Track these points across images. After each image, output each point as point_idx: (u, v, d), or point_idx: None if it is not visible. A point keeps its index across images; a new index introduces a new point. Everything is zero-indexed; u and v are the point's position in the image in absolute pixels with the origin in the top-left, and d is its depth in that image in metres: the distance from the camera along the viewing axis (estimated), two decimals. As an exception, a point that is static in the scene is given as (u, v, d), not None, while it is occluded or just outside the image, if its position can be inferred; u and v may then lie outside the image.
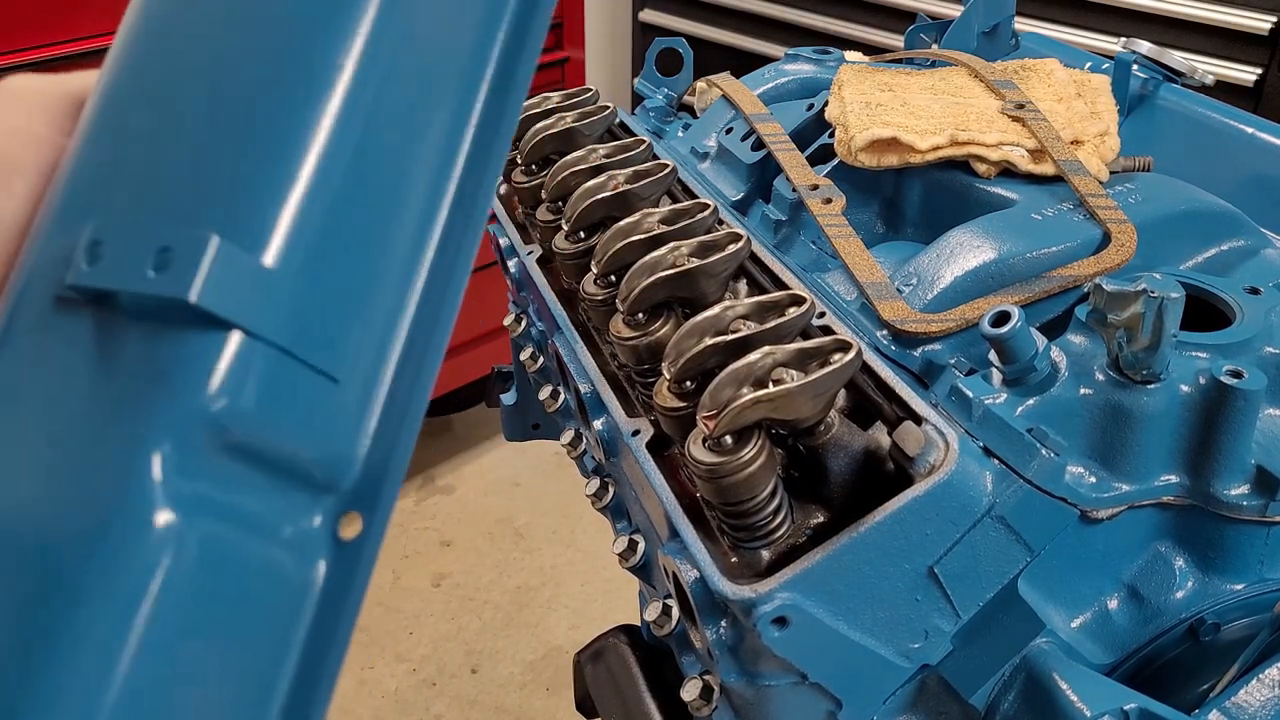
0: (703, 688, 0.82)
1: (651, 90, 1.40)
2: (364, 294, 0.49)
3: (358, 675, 2.54)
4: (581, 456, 1.13)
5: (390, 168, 0.50)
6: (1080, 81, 1.17)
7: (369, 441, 0.48)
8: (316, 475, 0.47)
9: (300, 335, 0.45)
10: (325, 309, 0.46)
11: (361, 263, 0.48)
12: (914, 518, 0.73)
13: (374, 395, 0.49)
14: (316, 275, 0.46)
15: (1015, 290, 0.91)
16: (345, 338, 0.48)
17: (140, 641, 0.41)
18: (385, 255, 0.50)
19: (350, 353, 0.48)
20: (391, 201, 0.50)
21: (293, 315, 0.45)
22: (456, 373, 2.93)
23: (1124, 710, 0.72)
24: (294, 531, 0.46)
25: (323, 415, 0.47)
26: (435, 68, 0.52)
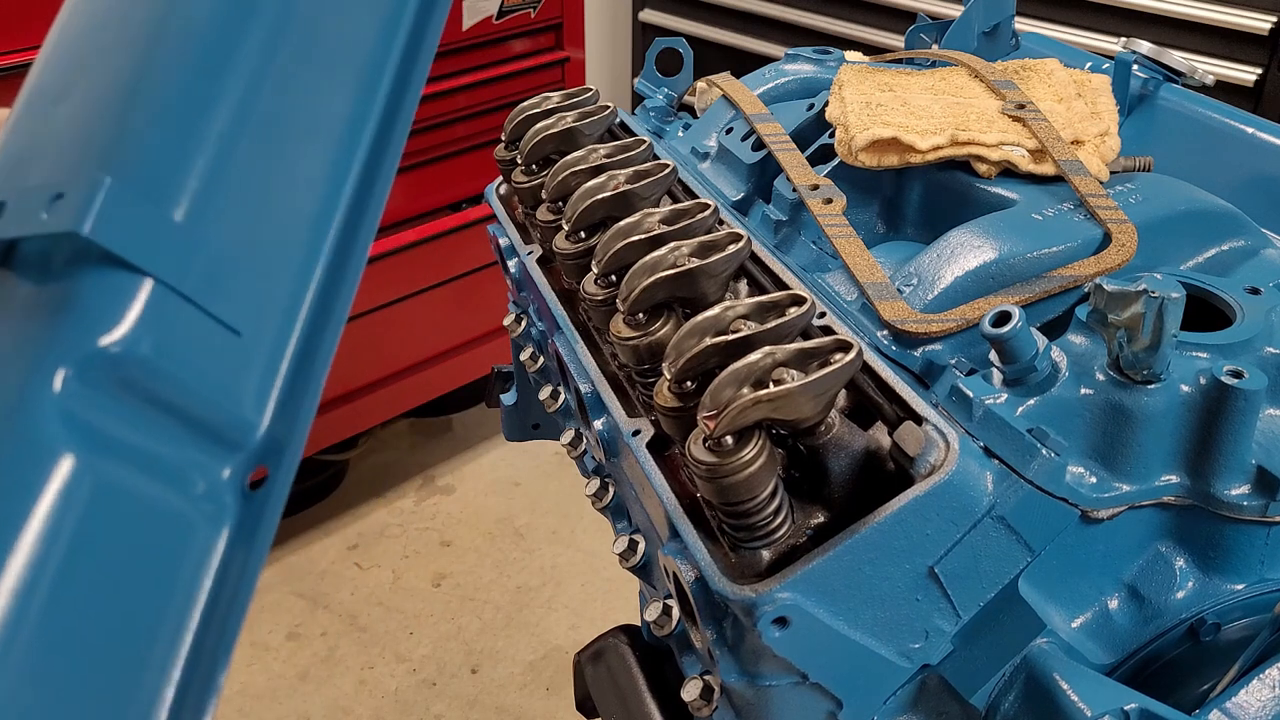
0: (703, 688, 0.82)
1: (651, 90, 1.40)
2: (267, 254, 0.51)
3: (358, 675, 2.54)
4: (581, 456, 1.13)
5: (293, 135, 0.53)
6: (1080, 81, 1.17)
7: (275, 397, 0.50)
8: (224, 428, 0.48)
9: (199, 284, 0.47)
10: (226, 263, 0.49)
11: (264, 223, 0.51)
12: (914, 518, 0.73)
13: (281, 352, 0.51)
14: (216, 229, 0.48)
15: (1016, 290, 0.91)
16: (248, 293, 0.50)
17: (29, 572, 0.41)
18: (288, 218, 0.52)
19: (254, 308, 0.50)
20: (294, 170, 0.53)
21: (191, 263, 0.47)
22: (456, 373, 2.93)
23: (1124, 710, 0.72)
24: (201, 480, 0.47)
25: (227, 368, 0.48)
26: (338, 43, 0.55)
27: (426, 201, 2.77)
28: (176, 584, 0.46)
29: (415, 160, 2.68)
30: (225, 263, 0.49)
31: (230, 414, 0.49)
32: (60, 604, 0.42)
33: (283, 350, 0.51)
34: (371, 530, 2.95)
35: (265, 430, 0.50)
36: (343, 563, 2.85)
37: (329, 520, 2.98)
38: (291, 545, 2.89)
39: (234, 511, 0.48)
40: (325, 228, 0.54)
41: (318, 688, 2.51)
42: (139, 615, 0.45)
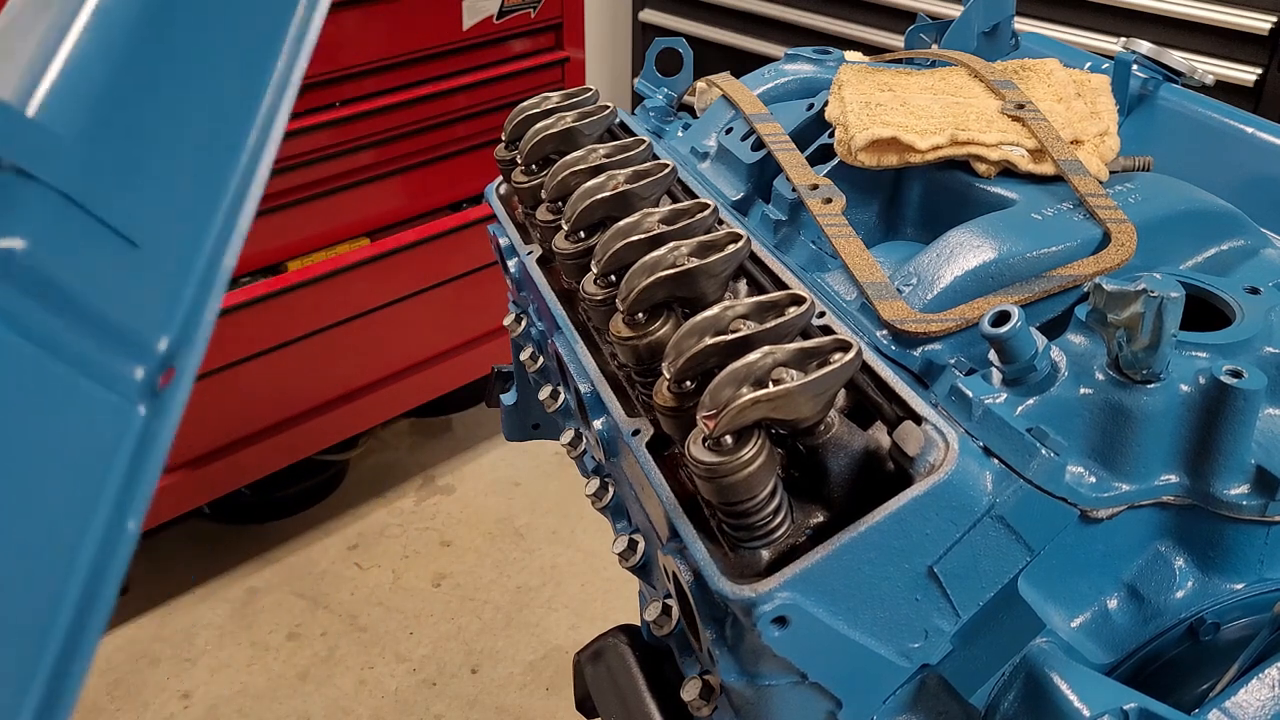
0: (703, 688, 0.82)
1: (651, 90, 1.40)
2: (166, 169, 0.57)
3: (358, 675, 2.54)
4: (581, 456, 1.13)
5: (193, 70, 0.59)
6: (1080, 81, 1.17)
7: (179, 308, 0.55)
8: (126, 332, 0.53)
9: (90, 192, 0.51)
10: (120, 176, 0.53)
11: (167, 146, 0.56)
12: (914, 517, 0.73)
13: (184, 266, 0.56)
14: (110, 143, 0.53)
15: (1015, 290, 0.91)
16: (148, 209, 0.55)
17: None
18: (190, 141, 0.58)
19: (154, 224, 0.55)
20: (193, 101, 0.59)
21: (82, 171, 0.51)
22: (456, 373, 2.93)
23: (1124, 710, 0.72)
24: (110, 373, 0.52)
25: (127, 277, 0.53)
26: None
27: (426, 201, 2.77)
28: (91, 453, 0.51)
29: (415, 160, 2.68)
30: (126, 179, 0.54)
31: (130, 320, 0.53)
32: None
33: (186, 264, 0.56)
34: (371, 530, 2.95)
35: (171, 336, 0.55)
36: (343, 563, 2.85)
37: (329, 520, 2.98)
38: (291, 545, 2.89)
39: (143, 405, 0.53)
40: (229, 161, 0.59)
41: (318, 688, 2.51)
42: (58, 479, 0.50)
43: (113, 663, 2.55)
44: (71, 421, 0.51)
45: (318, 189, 2.52)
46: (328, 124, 2.43)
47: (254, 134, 0.61)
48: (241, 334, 2.43)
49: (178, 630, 2.64)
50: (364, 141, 2.53)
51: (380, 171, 2.62)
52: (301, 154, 2.42)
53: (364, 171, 2.59)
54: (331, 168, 2.51)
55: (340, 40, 2.38)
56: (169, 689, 2.50)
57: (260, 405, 2.58)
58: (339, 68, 2.41)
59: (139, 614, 2.68)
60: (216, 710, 2.45)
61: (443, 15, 2.54)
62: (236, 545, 2.88)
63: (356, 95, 2.48)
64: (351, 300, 2.60)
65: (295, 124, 2.37)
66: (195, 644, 2.61)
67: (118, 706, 2.45)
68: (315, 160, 2.46)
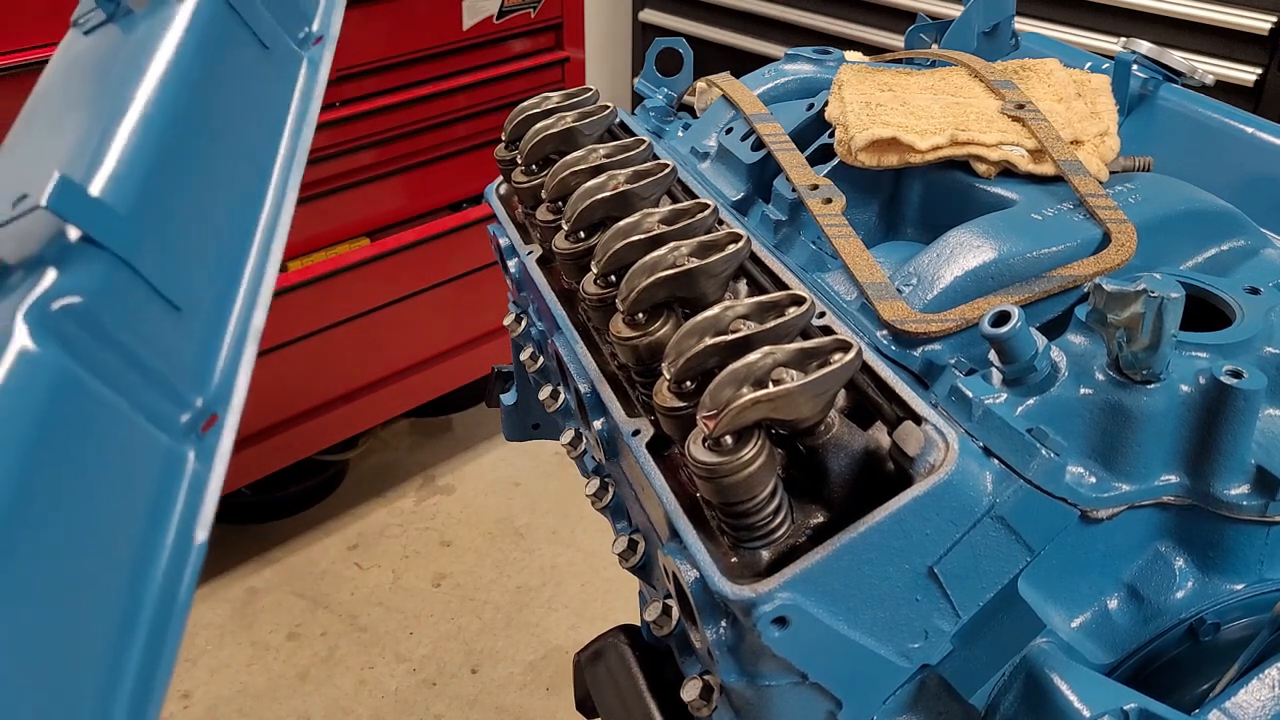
0: (703, 688, 0.82)
1: (651, 90, 1.40)
2: (203, 244, 0.66)
3: (358, 675, 2.54)
4: (581, 456, 1.13)
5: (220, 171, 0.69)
6: (1080, 81, 1.17)
7: (218, 362, 0.64)
8: (177, 384, 0.60)
9: (142, 257, 0.59)
10: (163, 248, 0.62)
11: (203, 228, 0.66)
12: (914, 518, 0.73)
13: (221, 329, 0.65)
14: (153, 220, 0.62)
15: (1015, 290, 0.91)
16: (188, 276, 0.63)
17: None
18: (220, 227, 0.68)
19: (194, 292, 0.63)
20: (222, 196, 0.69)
21: (135, 240, 0.59)
22: (456, 373, 2.93)
23: (1124, 710, 0.72)
24: (161, 416, 0.58)
25: (171, 335, 0.61)
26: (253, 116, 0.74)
27: (426, 201, 2.77)
28: (148, 490, 0.57)
29: (415, 160, 2.68)
30: (167, 251, 0.62)
31: (175, 372, 0.60)
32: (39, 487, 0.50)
33: (220, 324, 0.65)
34: (371, 530, 2.95)
35: (213, 387, 0.62)
36: (343, 563, 2.85)
37: (329, 520, 2.98)
38: (291, 545, 2.89)
39: (189, 446, 0.60)
40: (249, 236, 0.69)
41: (318, 688, 2.51)
42: (113, 511, 0.55)
43: (113, 663, 2.55)
44: (127, 450, 0.56)
45: (318, 189, 2.52)
46: (328, 124, 2.43)
47: (266, 212, 0.71)
48: (241, 334, 2.42)
49: (178, 630, 2.64)
50: (364, 141, 2.53)
51: (380, 171, 2.62)
52: (301, 154, 2.42)
53: (364, 171, 2.59)
54: (331, 168, 2.51)
55: (341, 40, 2.38)
56: (169, 689, 2.50)
57: (260, 405, 2.57)
58: (339, 68, 2.41)
59: (139, 614, 2.68)
60: (216, 710, 2.45)
61: (443, 15, 2.54)
62: (236, 545, 2.88)
63: (356, 95, 2.48)
64: (351, 300, 2.60)
65: (295, 124, 2.37)
66: (195, 644, 2.61)
67: (118, 706, 2.45)
68: (315, 160, 2.46)
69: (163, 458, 0.58)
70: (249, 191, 0.71)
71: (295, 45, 0.82)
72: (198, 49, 0.71)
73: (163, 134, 0.65)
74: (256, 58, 0.77)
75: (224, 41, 0.74)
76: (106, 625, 0.52)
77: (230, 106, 0.72)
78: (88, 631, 0.51)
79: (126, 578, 0.54)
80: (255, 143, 0.74)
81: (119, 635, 0.52)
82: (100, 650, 0.51)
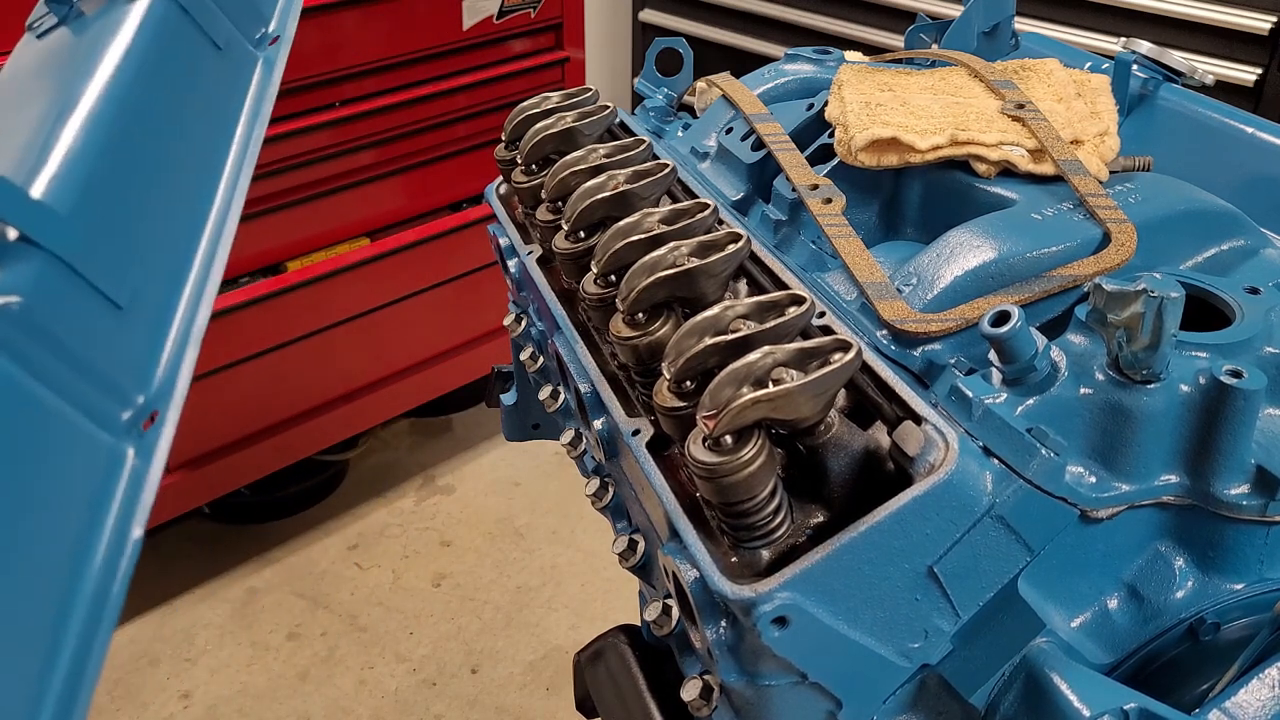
0: (703, 688, 0.82)
1: (651, 90, 1.40)
2: (148, 243, 0.66)
3: (358, 675, 2.54)
4: (581, 456, 1.13)
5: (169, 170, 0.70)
6: (1080, 81, 1.17)
7: (160, 360, 0.64)
8: (118, 382, 0.61)
9: (82, 257, 0.59)
10: (109, 248, 0.62)
11: (138, 219, 0.66)
12: (914, 517, 0.73)
13: (165, 328, 0.65)
14: (95, 221, 0.62)
15: (1015, 290, 0.91)
16: (131, 275, 0.63)
17: None
18: (164, 219, 0.68)
19: (137, 291, 0.63)
20: (167, 198, 0.69)
21: (75, 240, 0.59)
22: (456, 373, 2.93)
23: (1124, 710, 0.72)
24: (99, 413, 0.59)
25: (113, 334, 0.61)
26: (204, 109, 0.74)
27: (426, 201, 2.77)
28: (85, 486, 0.57)
29: (415, 160, 2.68)
30: (108, 248, 0.62)
31: (116, 370, 0.61)
32: None
33: (163, 324, 0.65)
34: (371, 530, 2.95)
35: (155, 385, 0.63)
36: (343, 563, 2.85)
37: (329, 520, 2.98)
38: (291, 545, 2.89)
39: (130, 443, 0.60)
40: (196, 235, 0.70)
41: (318, 688, 2.51)
42: (50, 506, 0.55)
43: (113, 663, 2.55)
44: (65, 448, 0.57)
45: (318, 189, 2.52)
46: (328, 124, 2.43)
47: (214, 213, 0.71)
48: (241, 334, 2.43)
49: (178, 630, 2.64)
50: (364, 141, 2.53)
51: (380, 171, 2.62)
52: (301, 154, 2.42)
53: (364, 171, 2.59)
54: (331, 168, 2.51)
55: (340, 40, 2.38)
56: (169, 689, 2.50)
57: (260, 405, 2.57)
58: (339, 68, 2.41)
59: (139, 614, 2.68)
60: (216, 710, 2.45)
61: (443, 15, 2.54)
62: (236, 545, 2.88)
63: (356, 95, 2.48)
64: (351, 300, 2.60)
65: (295, 124, 2.37)
66: (195, 644, 2.61)
67: (118, 707, 2.45)
68: (315, 160, 2.46)
69: (102, 455, 0.58)
70: (197, 191, 0.72)
71: (251, 45, 0.83)
72: (146, 50, 0.71)
73: (108, 134, 0.66)
74: (209, 58, 0.78)
75: (174, 42, 0.75)
76: (40, 617, 0.52)
77: (180, 106, 0.73)
78: (21, 622, 0.51)
79: (62, 572, 0.54)
80: (205, 142, 0.74)
81: (52, 628, 0.53)
82: (33, 641, 0.52)
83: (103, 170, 0.64)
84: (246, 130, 0.77)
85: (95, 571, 0.54)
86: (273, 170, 2.39)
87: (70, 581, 0.54)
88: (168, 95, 0.72)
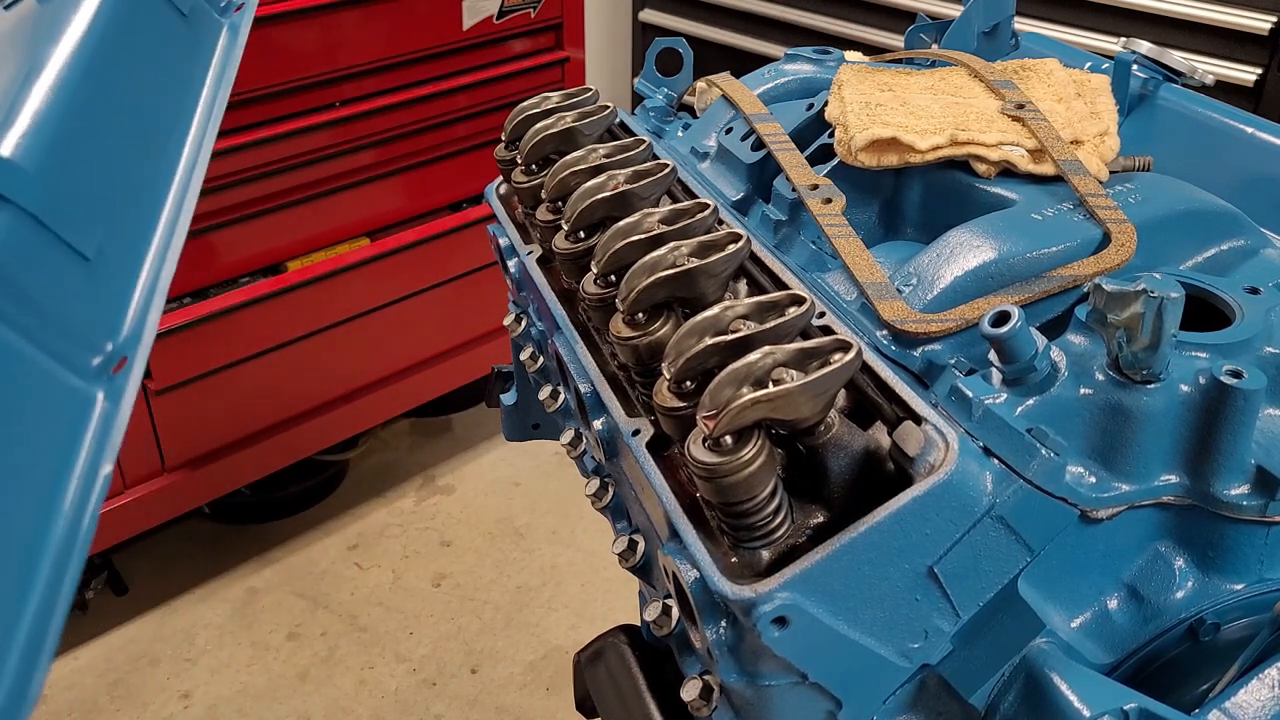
0: (703, 688, 0.82)
1: (651, 90, 1.40)
2: (116, 198, 0.69)
3: (358, 675, 2.54)
4: (581, 456, 1.13)
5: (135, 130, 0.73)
6: (1080, 81, 1.17)
7: (129, 311, 0.66)
8: (87, 330, 0.63)
9: (49, 211, 0.61)
10: (75, 202, 0.64)
11: (106, 175, 0.68)
12: (914, 518, 0.73)
13: (133, 278, 0.68)
14: (63, 177, 0.64)
15: (1015, 290, 0.91)
16: (99, 229, 0.66)
17: None
18: (132, 176, 0.71)
19: (106, 243, 0.66)
20: (134, 154, 0.72)
21: (42, 195, 0.61)
22: (456, 373, 2.93)
23: (1124, 710, 0.72)
24: (71, 360, 0.61)
25: (82, 285, 0.63)
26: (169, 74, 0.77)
27: (426, 201, 2.77)
28: (57, 426, 0.59)
29: (415, 160, 2.68)
30: (75, 202, 0.64)
31: (85, 319, 0.63)
32: None
33: (131, 274, 0.68)
34: (371, 530, 2.95)
35: (124, 333, 0.65)
36: (343, 563, 2.85)
37: (329, 520, 2.98)
38: (291, 545, 2.89)
39: (99, 387, 0.63)
40: (163, 191, 0.73)
41: (318, 688, 2.51)
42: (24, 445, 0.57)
43: (113, 663, 2.55)
44: (37, 391, 0.59)
45: (318, 189, 2.52)
46: (328, 124, 2.43)
47: (180, 169, 0.75)
48: (241, 334, 2.43)
49: (178, 630, 2.64)
50: (364, 141, 2.53)
51: (380, 171, 2.62)
52: (301, 154, 2.42)
53: (364, 171, 2.59)
54: (331, 168, 2.51)
55: (340, 40, 2.38)
56: (169, 689, 2.50)
57: (260, 405, 2.57)
58: (339, 68, 2.41)
59: (139, 614, 2.68)
60: (216, 710, 2.45)
61: (443, 15, 2.54)
62: (236, 545, 2.88)
63: (356, 95, 2.48)
64: (351, 300, 2.60)
65: (295, 124, 2.37)
66: (195, 644, 2.61)
67: (117, 707, 2.45)
68: (315, 160, 2.46)
69: (72, 398, 0.61)
70: (164, 149, 0.76)
71: (216, 14, 0.87)
72: (111, 16, 0.74)
73: (74, 95, 0.68)
74: (174, 24, 0.81)
75: (138, 9, 0.78)
76: (17, 544, 0.54)
77: (145, 69, 0.76)
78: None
79: (38, 503, 0.56)
80: (171, 103, 0.78)
81: (28, 553, 0.54)
82: (10, 564, 0.54)
83: (69, 128, 0.67)
84: (211, 92, 0.81)
85: (68, 505, 0.57)
86: (273, 170, 2.39)
87: (46, 513, 0.56)
88: (133, 58, 0.75)
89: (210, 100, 0.80)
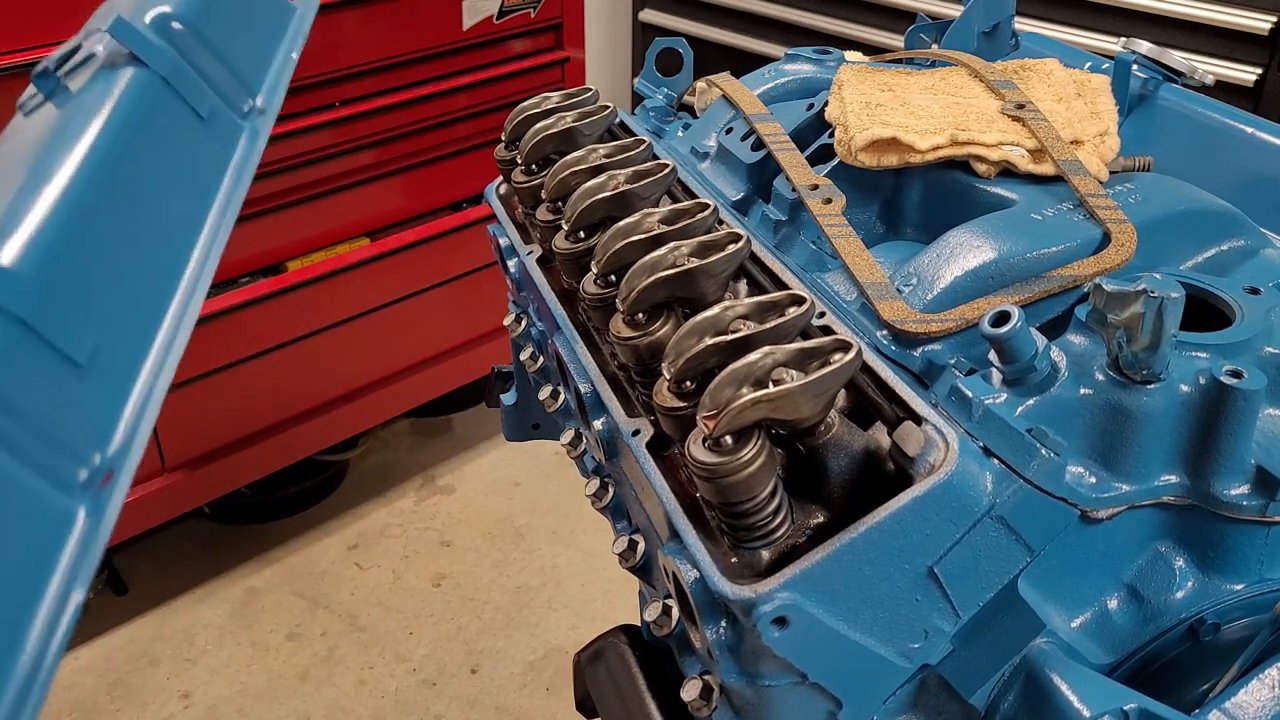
0: (703, 688, 0.82)
1: (651, 90, 1.40)
2: (112, 304, 0.67)
3: (358, 675, 2.54)
4: (581, 456, 1.13)
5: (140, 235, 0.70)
6: (1080, 81, 1.17)
7: (120, 421, 0.64)
8: (74, 441, 0.60)
9: (40, 317, 0.60)
10: (70, 306, 0.63)
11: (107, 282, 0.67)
12: (914, 518, 0.73)
13: (127, 388, 0.65)
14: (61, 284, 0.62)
15: (1015, 290, 0.91)
16: (89, 334, 0.63)
17: None
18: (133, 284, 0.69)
19: (97, 350, 0.63)
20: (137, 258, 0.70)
21: (36, 301, 0.59)
22: (456, 373, 2.93)
23: (1124, 710, 0.72)
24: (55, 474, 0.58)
25: (72, 394, 0.61)
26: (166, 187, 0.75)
27: (426, 201, 2.77)
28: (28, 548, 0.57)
29: (415, 160, 2.68)
30: (72, 310, 0.62)
31: (71, 429, 0.61)
32: None
33: (125, 385, 0.65)
34: (371, 530, 2.95)
35: (113, 445, 0.62)
36: (343, 563, 2.85)
37: (329, 520, 2.98)
38: (291, 545, 2.89)
39: (82, 503, 0.60)
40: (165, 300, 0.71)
41: (318, 688, 2.51)
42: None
43: (113, 663, 2.55)
44: (12, 506, 0.56)
45: (318, 189, 2.51)
46: (328, 124, 2.43)
47: (186, 277, 0.73)
48: (241, 334, 2.43)
49: (178, 630, 2.64)
50: (364, 141, 2.53)
51: (380, 171, 2.62)
52: (301, 154, 2.42)
53: (364, 171, 2.59)
54: (331, 168, 2.51)
55: (340, 40, 2.38)
56: (169, 689, 2.50)
57: (260, 405, 2.57)
58: (339, 68, 2.41)
59: (139, 614, 2.68)
60: (216, 710, 2.45)
61: (443, 15, 2.54)
62: (236, 545, 2.88)
63: (356, 95, 2.48)
64: (351, 300, 2.60)
65: (295, 124, 2.37)
66: (195, 644, 2.61)
67: (117, 707, 2.45)
68: (315, 160, 2.46)
69: (50, 515, 0.58)
70: (172, 252, 0.74)
71: (238, 117, 0.84)
72: (124, 121, 0.73)
73: (79, 200, 0.67)
74: (191, 128, 0.80)
75: (154, 113, 0.76)
76: None
77: (156, 173, 0.75)
78: None
79: None
80: (182, 208, 0.77)
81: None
82: None
83: (72, 233, 0.65)
84: (226, 195, 0.79)
85: (32, 641, 0.54)
86: (273, 170, 2.39)
87: (7, 644, 0.53)
88: (146, 163, 0.74)
89: (225, 202, 0.78)
